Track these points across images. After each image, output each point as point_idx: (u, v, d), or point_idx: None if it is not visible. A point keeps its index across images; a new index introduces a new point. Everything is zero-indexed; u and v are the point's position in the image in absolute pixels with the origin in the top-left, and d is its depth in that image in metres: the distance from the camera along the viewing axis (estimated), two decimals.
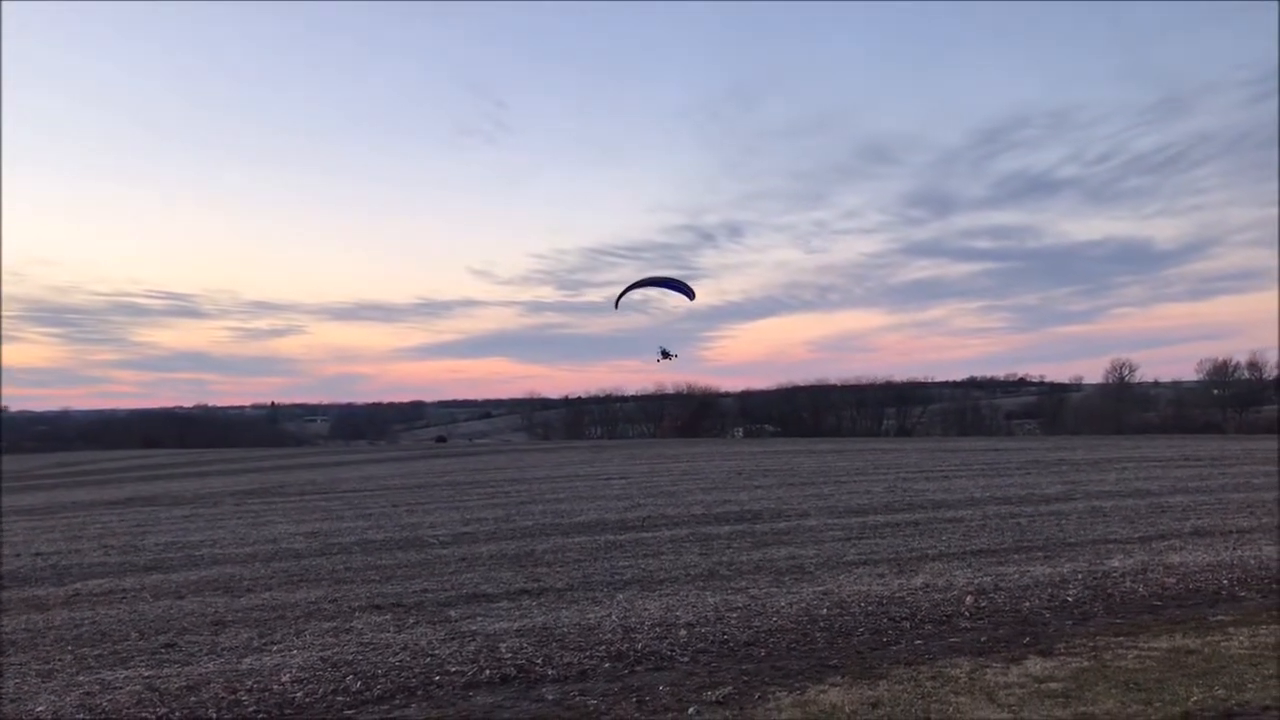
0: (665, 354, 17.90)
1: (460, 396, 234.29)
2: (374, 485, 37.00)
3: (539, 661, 9.58)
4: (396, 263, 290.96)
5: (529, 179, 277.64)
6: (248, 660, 10.03)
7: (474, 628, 11.23)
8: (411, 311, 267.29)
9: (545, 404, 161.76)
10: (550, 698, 8.38)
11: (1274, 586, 12.74)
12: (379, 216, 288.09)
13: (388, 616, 12.14)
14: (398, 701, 8.46)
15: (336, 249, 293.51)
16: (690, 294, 16.39)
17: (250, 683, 9.06)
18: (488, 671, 9.27)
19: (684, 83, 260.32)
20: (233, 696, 8.62)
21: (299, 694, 8.68)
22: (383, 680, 9.07)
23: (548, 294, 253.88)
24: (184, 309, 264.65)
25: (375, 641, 10.67)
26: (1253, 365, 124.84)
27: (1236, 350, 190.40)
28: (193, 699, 8.60)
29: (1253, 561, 14.39)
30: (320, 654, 10.13)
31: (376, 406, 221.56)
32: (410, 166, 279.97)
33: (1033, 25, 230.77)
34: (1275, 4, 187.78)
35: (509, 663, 9.55)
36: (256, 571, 16.35)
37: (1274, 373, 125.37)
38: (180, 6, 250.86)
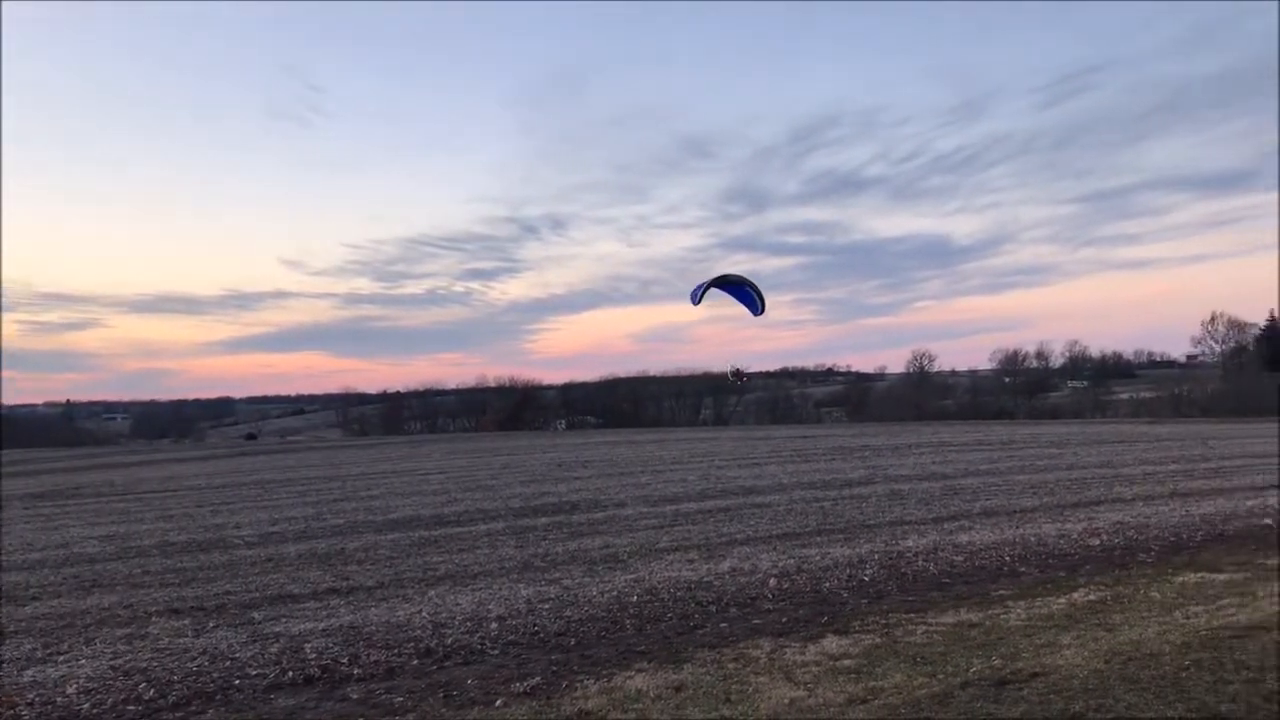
0: (738, 374, 17.64)
1: (271, 392, 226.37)
2: (177, 485, 35.44)
3: (345, 661, 9.41)
4: (202, 252, 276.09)
5: (345, 166, 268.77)
6: (30, 672, 9.45)
7: (278, 629, 10.92)
8: (218, 303, 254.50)
9: (362, 399, 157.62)
10: (355, 697, 8.26)
11: (1050, 561, 13.71)
12: (183, 203, 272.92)
13: (186, 621, 11.67)
14: (194, 708, 8.16)
15: (137, 238, 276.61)
16: (757, 309, 15.85)
17: (32, 695, 8.55)
18: (291, 673, 9.05)
19: (506, 70, 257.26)
20: (11, 711, 8.13)
21: (85, 705, 8.26)
22: (179, 686, 8.72)
23: (364, 285, 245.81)
24: None
25: (172, 647, 10.25)
26: (1040, 355, 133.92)
27: (1026, 341, 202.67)
28: None
29: (1033, 539, 15.44)
30: (111, 662, 9.66)
31: (182, 403, 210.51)
32: (217, 150, 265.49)
33: (848, 25, 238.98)
34: (1061, 13, 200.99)
35: (313, 663, 9.34)
36: (44, 578, 15.40)
37: (1060, 361, 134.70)
38: None
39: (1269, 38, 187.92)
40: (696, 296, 15.06)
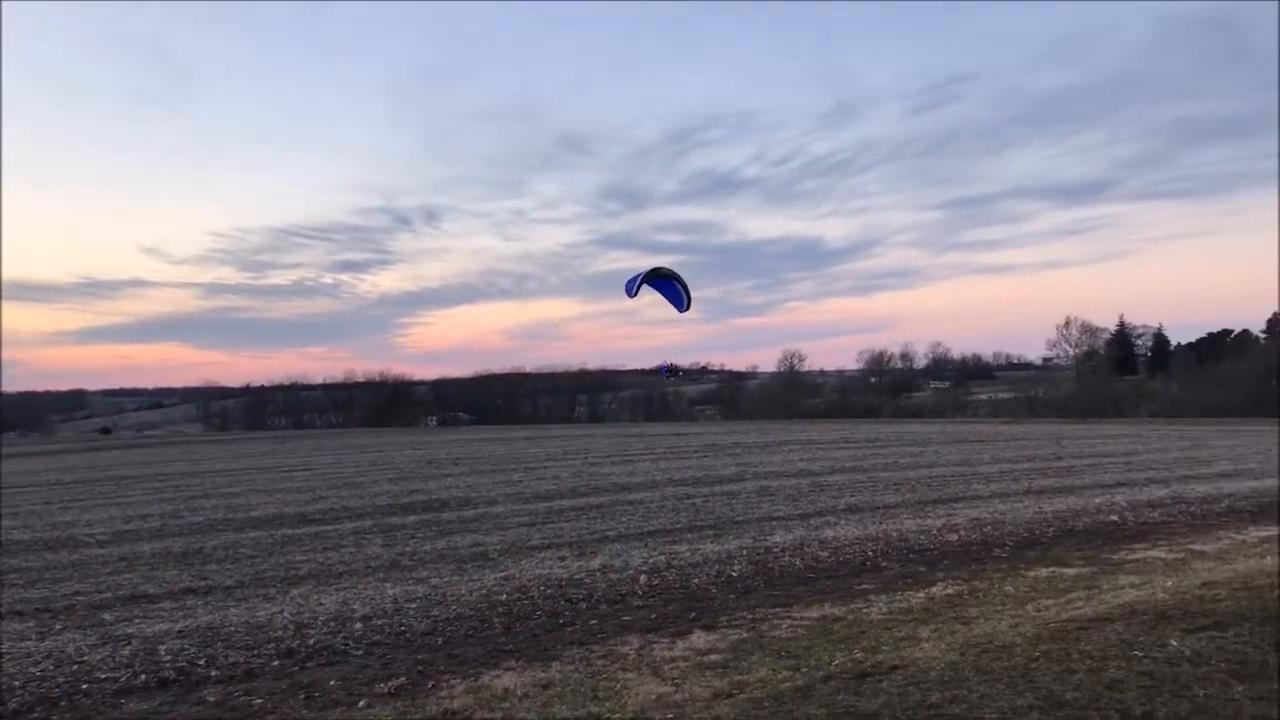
0: (673, 371, 17.22)
1: (128, 385, 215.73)
2: (24, 481, 33.86)
3: (202, 663, 9.08)
4: (54, 238, 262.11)
5: (210, 152, 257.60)
6: None
7: (131, 630, 10.48)
8: (71, 291, 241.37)
9: (224, 393, 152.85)
10: (212, 700, 7.98)
11: (911, 556, 14.11)
12: (33, 185, 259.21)
13: (30, 623, 11.11)
14: (37, 714, 7.77)
15: None
16: (683, 305, 15.51)
17: None
18: (144, 676, 8.69)
19: (380, 61, 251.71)
20: None
21: None
22: (20, 693, 8.29)
23: (228, 275, 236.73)
24: None
25: (13, 651, 9.73)
26: (904, 356, 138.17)
27: (891, 342, 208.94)
28: None
29: (895, 534, 15.86)
30: None
31: (30, 395, 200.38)
32: (73, 131, 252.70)
33: (728, 26, 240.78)
34: (929, 22, 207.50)
35: (168, 666, 8.99)
36: None
37: (923, 362, 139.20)
38: None
39: (1121, 55, 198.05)
40: (632, 288, 14.99)
